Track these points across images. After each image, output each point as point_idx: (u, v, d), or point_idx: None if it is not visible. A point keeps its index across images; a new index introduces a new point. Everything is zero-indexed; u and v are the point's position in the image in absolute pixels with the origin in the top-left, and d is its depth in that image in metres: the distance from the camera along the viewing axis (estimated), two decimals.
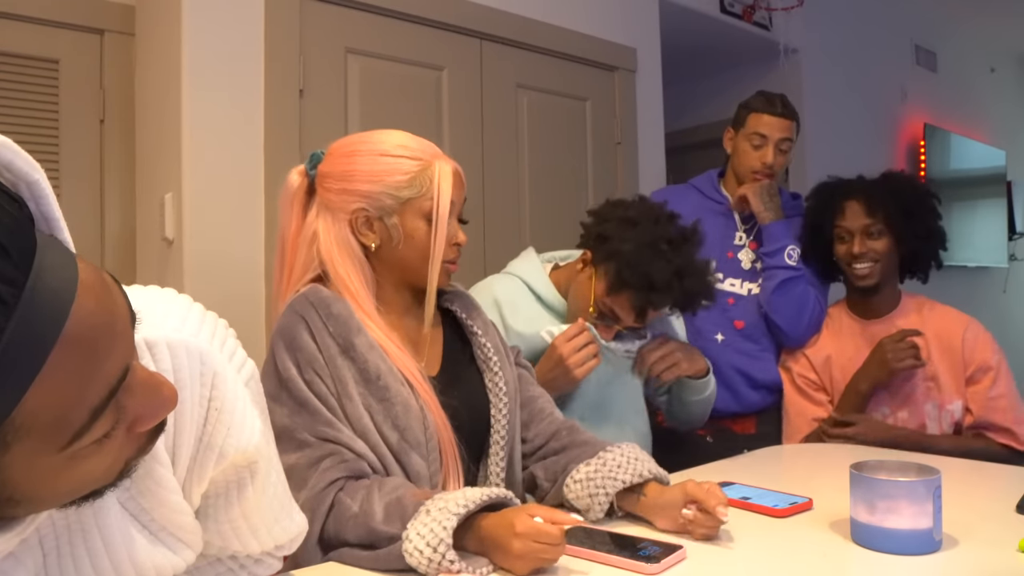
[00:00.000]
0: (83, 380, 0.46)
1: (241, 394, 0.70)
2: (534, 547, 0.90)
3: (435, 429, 1.11)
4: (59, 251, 0.47)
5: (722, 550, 1.00)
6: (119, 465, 0.54)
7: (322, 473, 1.02)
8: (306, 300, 1.11)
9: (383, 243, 1.16)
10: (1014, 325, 5.19)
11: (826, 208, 1.87)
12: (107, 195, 2.03)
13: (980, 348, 1.77)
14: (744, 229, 2.03)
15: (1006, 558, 0.93)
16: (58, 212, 0.52)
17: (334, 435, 1.05)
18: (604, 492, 1.10)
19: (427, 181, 1.14)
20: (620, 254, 1.46)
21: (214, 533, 0.74)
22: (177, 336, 0.66)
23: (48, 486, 0.50)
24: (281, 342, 1.10)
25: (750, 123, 1.97)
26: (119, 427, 0.51)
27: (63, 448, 0.47)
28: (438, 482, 1.11)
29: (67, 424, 0.47)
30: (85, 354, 0.46)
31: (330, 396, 1.07)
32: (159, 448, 0.64)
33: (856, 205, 1.81)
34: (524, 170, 2.37)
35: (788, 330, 1.93)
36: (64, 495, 0.53)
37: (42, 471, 0.48)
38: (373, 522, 0.97)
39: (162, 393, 0.53)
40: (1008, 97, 5.62)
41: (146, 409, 0.52)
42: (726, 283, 1.99)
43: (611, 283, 1.48)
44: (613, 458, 1.14)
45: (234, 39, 1.80)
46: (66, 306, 0.45)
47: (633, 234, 1.47)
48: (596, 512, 1.11)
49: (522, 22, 2.35)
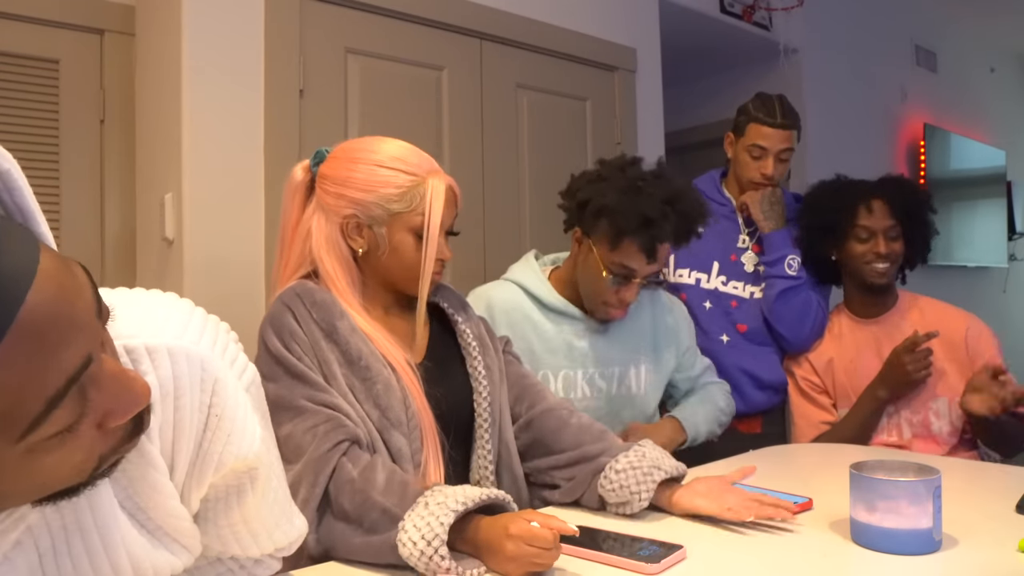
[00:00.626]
0: (37, 369, 0.45)
1: (242, 401, 0.70)
2: (527, 550, 0.90)
3: (416, 410, 1.13)
4: (20, 238, 0.46)
5: (722, 550, 1.00)
6: (91, 462, 0.53)
7: (323, 437, 1.04)
8: (292, 292, 1.16)
9: (370, 249, 1.20)
10: (1014, 325, 5.19)
11: (846, 206, 1.84)
12: (107, 195, 2.03)
13: (984, 343, 1.78)
14: (748, 232, 2.02)
15: (1006, 558, 0.93)
16: (33, 204, 0.51)
17: (331, 400, 1.07)
18: (651, 480, 1.12)
19: (418, 197, 1.17)
20: (606, 208, 1.46)
21: (213, 537, 0.74)
22: (178, 343, 0.65)
23: (7, 481, 0.48)
24: (270, 328, 1.14)
25: (749, 133, 1.95)
26: (84, 421, 0.50)
27: (18, 440, 0.46)
28: (420, 461, 1.12)
29: (21, 414, 0.45)
30: (39, 342, 0.45)
31: (319, 374, 1.10)
32: (155, 453, 0.64)
33: (882, 205, 1.81)
34: (524, 170, 2.37)
35: (791, 338, 1.93)
36: (30, 491, 0.52)
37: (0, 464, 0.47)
38: (372, 490, 0.98)
39: (133, 388, 0.52)
40: (1008, 97, 5.62)
41: (116, 404, 0.51)
42: (729, 286, 1.99)
43: (611, 238, 1.47)
44: (650, 451, 1.18)
45: (234, 39, 1.80)
46: (21, 292, 0.44)
47: (608, 185, 1.48)
48: (635, 505, 1.12)
49: (522, 22, 2.35)
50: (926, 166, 4.43)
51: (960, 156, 4.79)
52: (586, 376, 1.60)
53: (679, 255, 2.00)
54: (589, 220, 1.50)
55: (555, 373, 1.58)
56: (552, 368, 1.58)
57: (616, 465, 1.15)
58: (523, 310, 1.58)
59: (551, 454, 1.24)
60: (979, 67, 5.21)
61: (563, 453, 1.23)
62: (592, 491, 1.17)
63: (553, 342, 1.58)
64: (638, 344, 1.66)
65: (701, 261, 2.00)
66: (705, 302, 1.98)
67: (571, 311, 1.59)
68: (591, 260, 1.52)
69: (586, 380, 1.60)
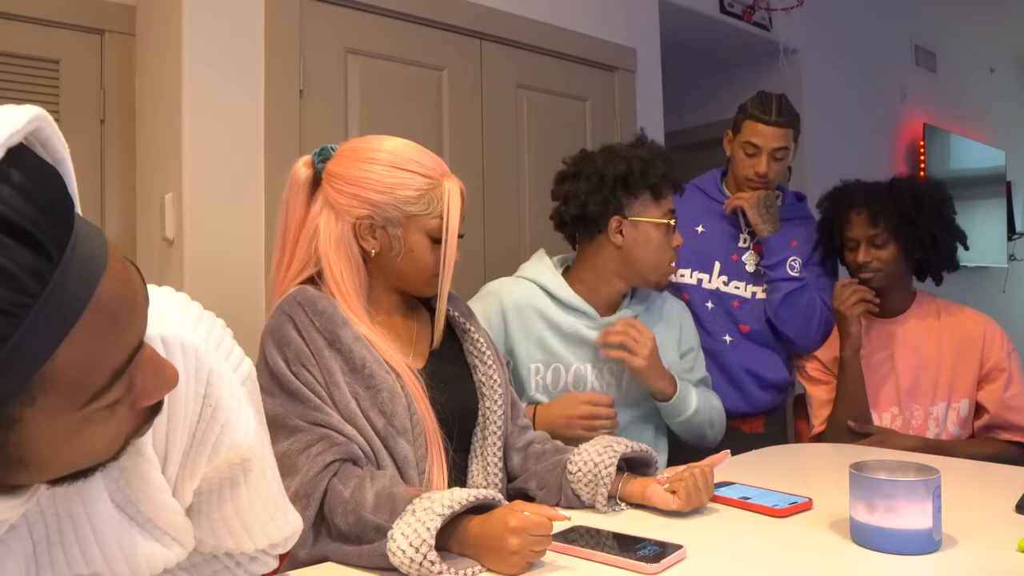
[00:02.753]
0: (107, 343, 0.50)
1: (236, 392, 0.71)
2: (530, 540, 0.91)
3: (420, 416, 1.13)
4: (91, 226, 0.51)
5: (722, 550, 1.00)
6: (119, 442, 0.57)
7: (315, 458, 1.05)
8: (293, 300, 1.15)
9: (383, 251, 1.19)
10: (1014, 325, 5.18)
11: (833, 217, 1.87)
12: (107, 195, 2.03)
13: (997, 347, 1.78)
14: (748, 231, 2.01)
15: (1006, 558, 0.93)
16: (77, 195, 0.55)
17: (324, 419, 1.08)
18: (609, 457, 1.15)
19: (435, 200, 1.17)
20: (617, 178, 1.56)
21: (207, 531, 0.74)
22: (173, 333, 0.66)
23: (57, 448, 0.52)
24: (270, 340, 1.13)
25: (745, 130, 1.94)
26: (125, 399, 0.54)
27: (81, 407, 0.50)
28: (425, 468, 1.13)
29: (89, 383, 0.49)
30: (111, 319, 0.49)
31: (318, 386, 1.10)
32: (146, 446, 0.65)
33: (860, 215, 1.81)
34: (524, 170, 2.37)
35: (798, 340, 1.93)
36: (67, 463, 0.54)
37: (56, 430, 0.50)
38: (363, 510, 0.99)
39: (165, 372, 0.56)
40: (1008, 97, 5.62)
41: (150, 385, 0.55)
42: (731, 286, 1.99)
43: (653, 193, 1.59)
44: (607, 438, 1.22)
45: (234, 39, 1.80)
46: (99, 273, 0.49)
47: (601, 164, 1.58)
48: (602, 493, 1.14)
49: (522, 22, 2.35)
50: (926, 166, 4.43)
51: (960, 156, 4.79)
52: (595, 370, 1.63)
53: (681, 256, 1.99)
54: (614, 200, 1.57)
55: (567, 367, 1.62)
56: (564, 362, 1.61)
57: (575, 456, 1.20)
58: (538, 307, 1.61)
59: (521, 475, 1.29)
60: (979, 67, 5.21)
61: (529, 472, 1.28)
62: (566, 489, 1.20)
63: (568, 337, 1.62)
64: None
65: (702, 261, 1.99)
66: (707, 302, 1.98)
67: (585, 308, 1.63)
68: (643, 232, 1.60)
69: (595, 375, 1.63)
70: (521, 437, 1.31)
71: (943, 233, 1.80)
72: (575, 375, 1.62)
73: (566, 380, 1.61)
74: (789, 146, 1.94)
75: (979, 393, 1.77)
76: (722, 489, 1.25)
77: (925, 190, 1.81)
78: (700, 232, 2.00)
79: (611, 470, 1.15)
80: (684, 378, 1.73)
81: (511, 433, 1.30)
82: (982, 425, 1.76)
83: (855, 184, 1.89)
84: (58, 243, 0.46)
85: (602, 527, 1.07)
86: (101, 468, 0.58)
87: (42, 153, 0.52)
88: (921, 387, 1.79)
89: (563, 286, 1.63)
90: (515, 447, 1.29)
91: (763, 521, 1.11)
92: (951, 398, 1.77)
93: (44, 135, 0.52)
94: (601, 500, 1.16)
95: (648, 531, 1.06)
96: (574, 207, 1.60)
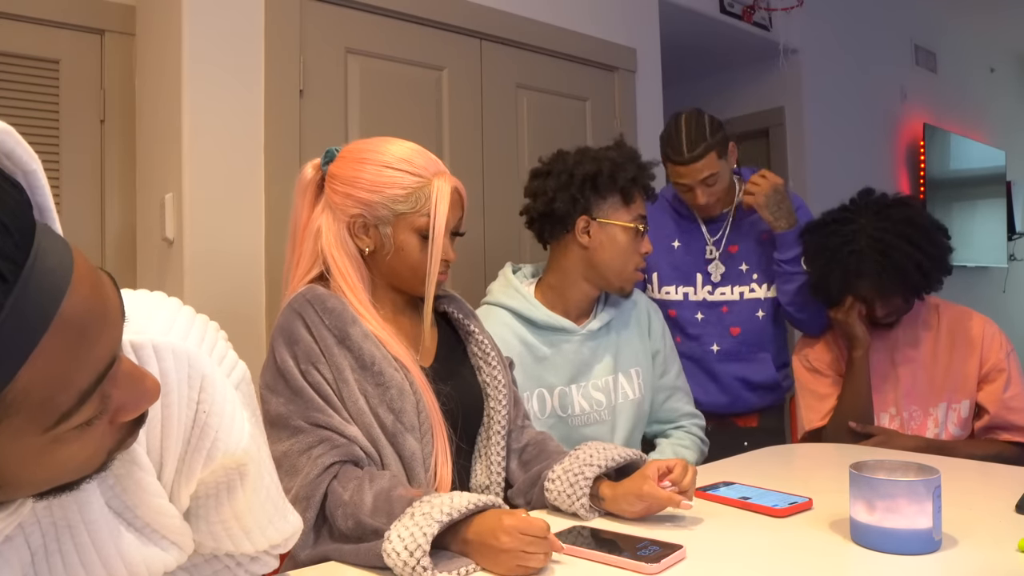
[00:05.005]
0: (74, 362, 0.47)
1: (231, 397, 0.70)
2: (521, 539, 0.91)
3: (428, 413, 1.14)
4: (55, 237, 0.48)
5: (722, 550, 1.00)
6: (101, 456, 0.55)
7: (315, 460, 1.05)
8: (303, 298, 1.16)
9: (376, 249, 1.21)
10: (1014, 325, 5.19)
11: (833, 300, 1.78)
12: (107, 195, 2.02)
13: (995, 347, 1.77)
14: (712, 242, 1.98)
15: (1006, 558, 0.93)
16: (51, 203, 0.53)
17: (325, 420, 1.08)
18: (584, 477, 1.12)
19: (423, 199, 1.18)
20: (586, 177, 1.54)
21: (206, 534, 0.74)
22: (164, 339, 0.66)
23: (28, 468, 0.50)
24: (280, 338, 1.14)
25: (668, 170, 1.88)
26: (102, 416, 0.52)
27: (48, 429, 0.48)
28: (431, 465, 1.13)
29: (55, 405, 0.47)
30: (77, 337, 0.47)
31: (325, 384, 1.11)
32: (140, 452, 0.64)
33: (863, 304, 1.75)
34: (524, 170, 2.35)
35: (812, 321, 1.90)
36: (43, 481, 0.53)
37: (24, 452, 0.48)
38: (361, 513, 1.00)
39: (144, 384, 0.54)
40: (1008, 97, 5.62)
41: (129, 399, 0.53)
42: (716, 293, 1.97)
43: (623, 195, 1.56)
44: (585, 451, 1.18)
45: (234, 39, 1.80)
46: (62, 287, 0.46)
47: (572, 163, 1.56)
48: (579, 507, 1.12)
49: (522, 22, 2.35)
50: (926, 166, 4.43)
51: (960, 156, 4.79)
52: (581, 389, 1.59)
53: (663, 273, 1.97)
54: (582, 200, 1.55)
55: (551, 390, 1.57)
56: (547, 386, 1.57)
57: (551, 475, 1.16)
58: (513, 336, 1.55)
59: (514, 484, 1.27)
60: (979, 67, 5.21)
61: (517, 487, 1.26)
62: (547, 503, 1.17)
63: (547, 360, 1.57)
64: (628, 348, 1.66)
65: (684, 275, 1.98)
66: (696, 314, 1.97)
67: (563, 324, 1.58)
68: (610, 235, 1.56)
69: (582, 394, 1.59)
70: (520, 438, 1.31)
71: (940, 261, 1.74)
72: (560, 397, 1.57)
73: (553, 404, 1.57)
74: (717, 170, 1.82)
75: (979, 394, 1.77)
76: (722, 489, 1.25)
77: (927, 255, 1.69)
78: (676, 247, 2.00)
79: (584, 502, 1.12)
80: (658, 384, 1.71)
81: (511, 432, 1.30)
82: (982, 426, 1.76)
83: (851, 268, 1.71)
84: (13, 262, 0.44)
85: (602, 527, 1.07)
86: (87, 480, 0.56)
87: (6, 165, 0.50)
88: (919, 388, 1.79)
89: (534, 306, 1.58)
90: (512, 448, 1.29)
91: (763, 521, 1.11)
92: (951, 399, 1.77)
93: (7, 148, 0.49)
94: (583, 511, 1.13)
95: (648, 531, 1.06)
96: (541, 203, 1.58)
